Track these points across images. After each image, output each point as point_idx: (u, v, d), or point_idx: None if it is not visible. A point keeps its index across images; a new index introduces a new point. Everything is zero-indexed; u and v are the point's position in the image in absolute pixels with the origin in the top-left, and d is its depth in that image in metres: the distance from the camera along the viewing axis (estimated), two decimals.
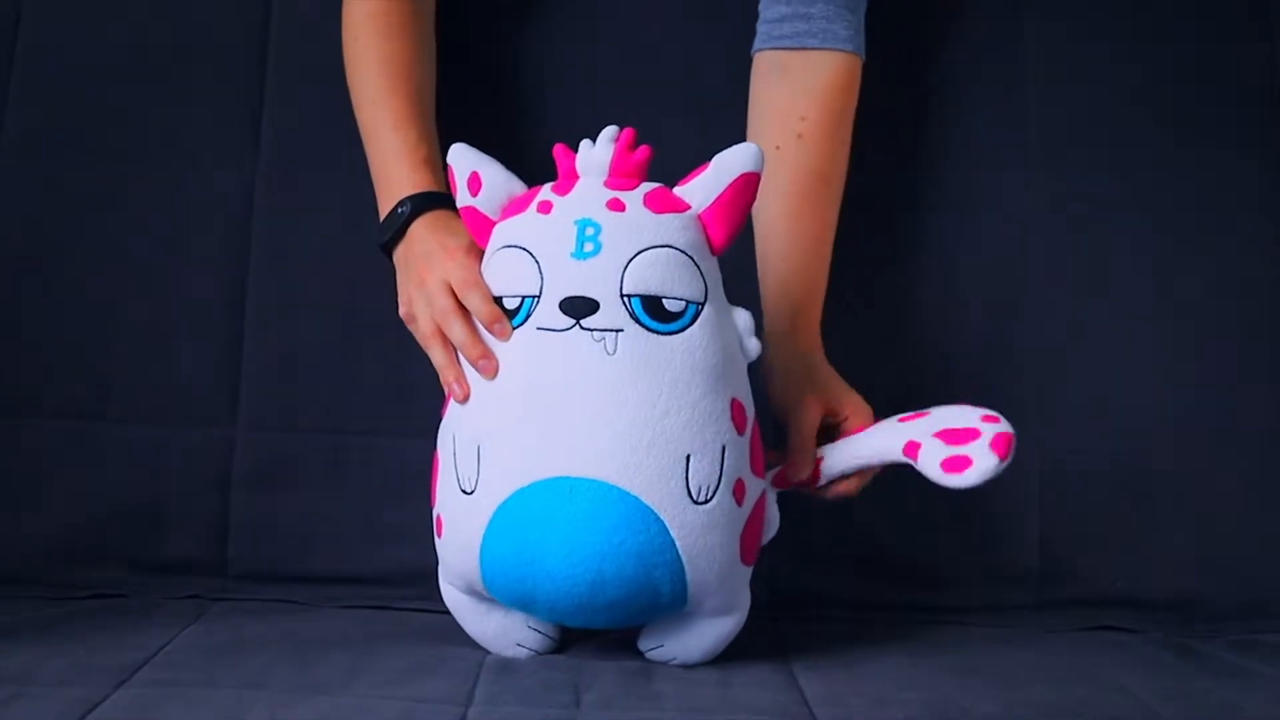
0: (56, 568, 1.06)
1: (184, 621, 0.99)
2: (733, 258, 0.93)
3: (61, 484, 1.08)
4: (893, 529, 1.10)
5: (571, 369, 0.86)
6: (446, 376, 0.92)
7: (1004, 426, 0.89)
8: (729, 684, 0.89)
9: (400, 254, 0.98)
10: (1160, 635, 1.05)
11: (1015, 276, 1.14)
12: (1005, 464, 0.87)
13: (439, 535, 0.92)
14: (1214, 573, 1.09)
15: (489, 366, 0.89)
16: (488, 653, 0.94)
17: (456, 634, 0.98)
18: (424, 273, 0.94)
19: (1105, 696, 0.89)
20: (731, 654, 0.95)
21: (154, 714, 0.79)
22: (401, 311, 0.97)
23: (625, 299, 0.86)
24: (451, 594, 0.95)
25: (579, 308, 0.86)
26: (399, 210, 0.98)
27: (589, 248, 0.87)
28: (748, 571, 0.91)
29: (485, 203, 0.92)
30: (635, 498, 0.84)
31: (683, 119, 1.11)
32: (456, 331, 0.91)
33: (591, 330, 0.86)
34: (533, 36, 1.15)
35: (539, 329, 0.87)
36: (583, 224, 0.88)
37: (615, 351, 0.86)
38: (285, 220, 1.12)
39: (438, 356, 0.93)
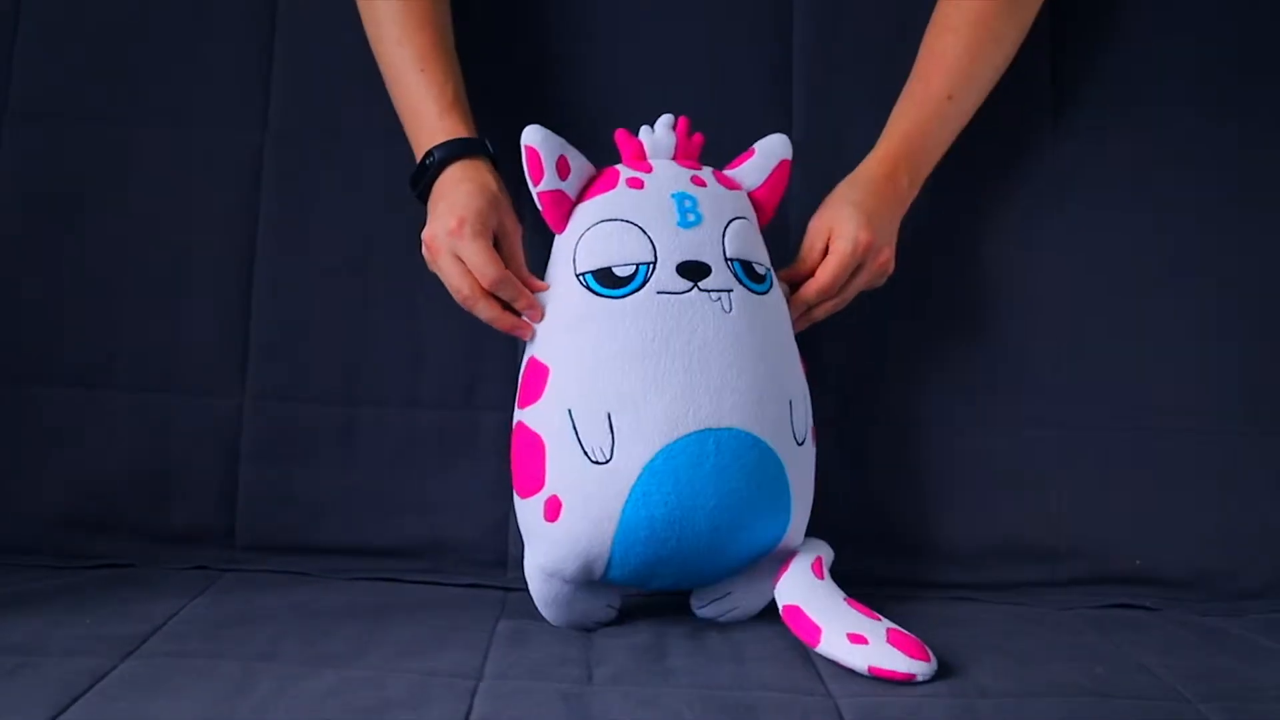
0: (63, 537, 1.06)
1: (192, 592, 0.98)
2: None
3: (68, 452, 1.07)
4: (910, 505, 1.09)
5: (697, 327, 0.91)
6: (505, 324, 0.94)
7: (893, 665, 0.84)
8: (743, 660, 0.88)
9: (430, 204, 0.97)
10: (1181, 614, 1.03)
11: (1043, 245, 1.12)
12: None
13: (551, 519, 0.90)
14: (1235, 551, 1.08)
15: (535, 317, 0.94)
16: (498, 625, 0.93)
17: (467, 606, 0.97)
18: (436, 251, 0.94)
19: (1125, 675, 0.88)
20: (745, 629, 0.94)
21: (161, 685, 0.78)
22: (427, 257, 0.96)
23: (729, 262, 0.93)
24: (540, 582, 0.93)
25: (695, 271, 0.92)
26: (428, 161, 0.97)
27: (691, 217, 0.94)
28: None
29: (571, 185, 0.95)
30: (765, 443, 0.90)
31: (688, 97, 1.08)
32: (485, 313, 0.94)
33: (709, 291, 0.91)
34: (538, 25, 1.13)
35: (659, 293, 0.91)
36: (679, 196, 0.94)
37: (731, 309, 0.92)
38: (294, 185, 1.10)
39: (485, 314, 0.94)
